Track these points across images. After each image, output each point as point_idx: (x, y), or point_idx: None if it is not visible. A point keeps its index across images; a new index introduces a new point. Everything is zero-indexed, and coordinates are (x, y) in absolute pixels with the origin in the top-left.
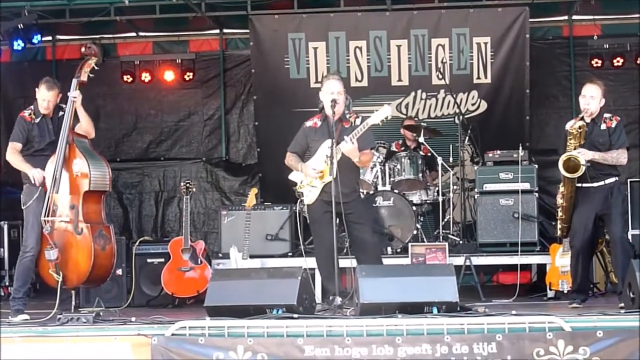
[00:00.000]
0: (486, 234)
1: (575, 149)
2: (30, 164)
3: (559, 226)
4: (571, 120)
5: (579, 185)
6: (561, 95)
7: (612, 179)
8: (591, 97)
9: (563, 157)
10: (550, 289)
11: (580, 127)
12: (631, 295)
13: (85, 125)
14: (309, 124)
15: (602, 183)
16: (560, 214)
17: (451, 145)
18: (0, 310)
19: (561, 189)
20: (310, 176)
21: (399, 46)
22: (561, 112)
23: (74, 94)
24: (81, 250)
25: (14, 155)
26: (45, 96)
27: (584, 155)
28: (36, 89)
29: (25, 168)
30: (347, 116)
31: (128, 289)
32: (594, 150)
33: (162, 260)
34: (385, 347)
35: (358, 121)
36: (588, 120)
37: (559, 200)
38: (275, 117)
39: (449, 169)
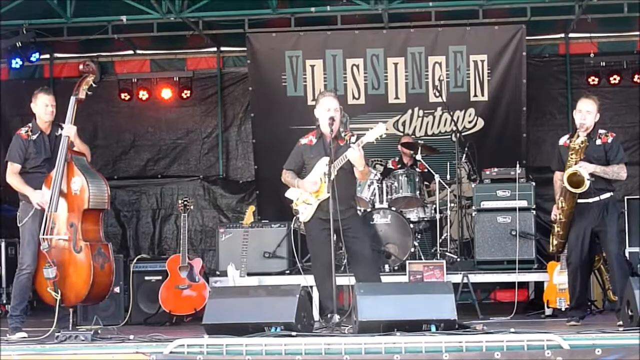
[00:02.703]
0: (484, 252)
1: (576, 163)
2: (27, 180)
3: (554, 242)
4: (564, 136)
5: (577, 200)
6: (558, 112)
7: (608, 195)
8: (587, 112)
9: (568, 172)
10: (548, 307)
11: (582, 142)
12: (629, 313)
13: (83, 151)
14: (304, 141)
15: (597, 199)
16: (557, 229)
17: (448, 163)
18: None
19: (561, 204)
20: (307, 190)
21: (395, 64)
22: (558, 129)
23: (67, 130)
24: (80, 269)
25: (14, 178)
26: (47, 101)
27: (586, 169)
28: (32, 104)
29: (27, 191)
30: (343, 134)
31: (125, 307)
32: None
33: (160, 278)
34: None
35: (353, 139)
36: (584, 135)
37: (557, 216)
38: (272, 135)
39: (446, 186)
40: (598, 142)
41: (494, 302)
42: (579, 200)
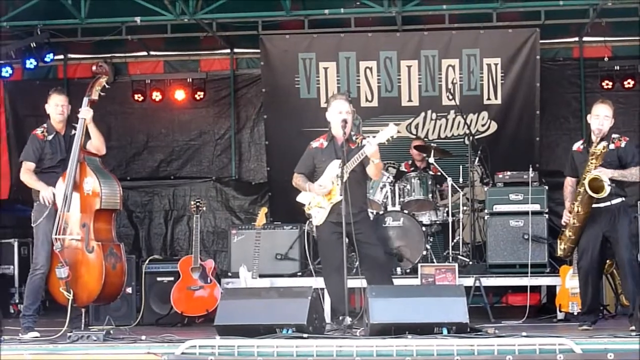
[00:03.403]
0: (496, 255)
1: (595, 168)
2: (42, 181)
3: (563, 246)
4: (578, 141)
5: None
6: (571, 116)
7: (619, 200)
8: (605, 117)
9: (590, 177)
10: (560, 311)
11: (604, 148)
12: None
13: (96, 142)
14: (315, 144)
15: (608, 203)
16: (569, 233)
17: (461, 166)
18: (10, 327)
19: (576, 209)
20: (317, 193)
21: (409, 66)
22: (571, 133)
23: (85, 111)
24: (92, 269)
25: (28, 175)
26: (58, 101)
27: (604, 174)
28: (46, 105)
29: (39, 186)
30: (354, 137)
31: (137, 308)
32: None
33: (172, 278)
34: None
35: (364, 142)
36: (597, 140)
37: (570, 220)
38: (285, 137)
39: (459, 189)
40: (611, 146)
41: (505, 305)
42: (592, 205)
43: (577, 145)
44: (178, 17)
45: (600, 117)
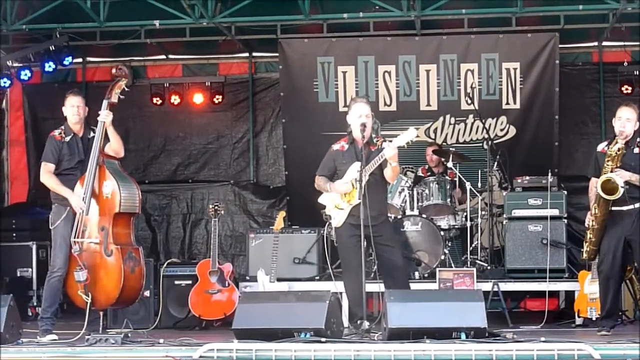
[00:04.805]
0: (514, 260)
1: (612, 171)
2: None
3: (586, 248)
4: (603, 142)
5: (611, 208)
6: (590, 121)
7: None
8: (627, 120)
9: (602, 178)
10: (579, 316)
11: (619, 150)
12: None
13: (115, 145)
14: (336, 147)
15: (631, 207)
16: (589, 236)
17: (480, 171)
18: (28, 330)
19: (594, 210)
20: (339, 191)
21: (428, 71)
22: (590, 138)
23: (104, 114)
24: (111, 272)
25: (49, 178)
26: (74, 102)
27: (621, 176)
28: (63, 107)
29: (65, 193)
30: (374, 140)
31: (155, 311)
32: None
33: (190, 282)
34: None
35: (385, 145)
36: (622, 143)
37: (590, 222)
38: (303, 141)
39: (478, 194)
40: (636, 150)
41: (524, 310)
42: (613, 208)
43: (602, 147)
44: (197, 20)
45: (622, 119)
